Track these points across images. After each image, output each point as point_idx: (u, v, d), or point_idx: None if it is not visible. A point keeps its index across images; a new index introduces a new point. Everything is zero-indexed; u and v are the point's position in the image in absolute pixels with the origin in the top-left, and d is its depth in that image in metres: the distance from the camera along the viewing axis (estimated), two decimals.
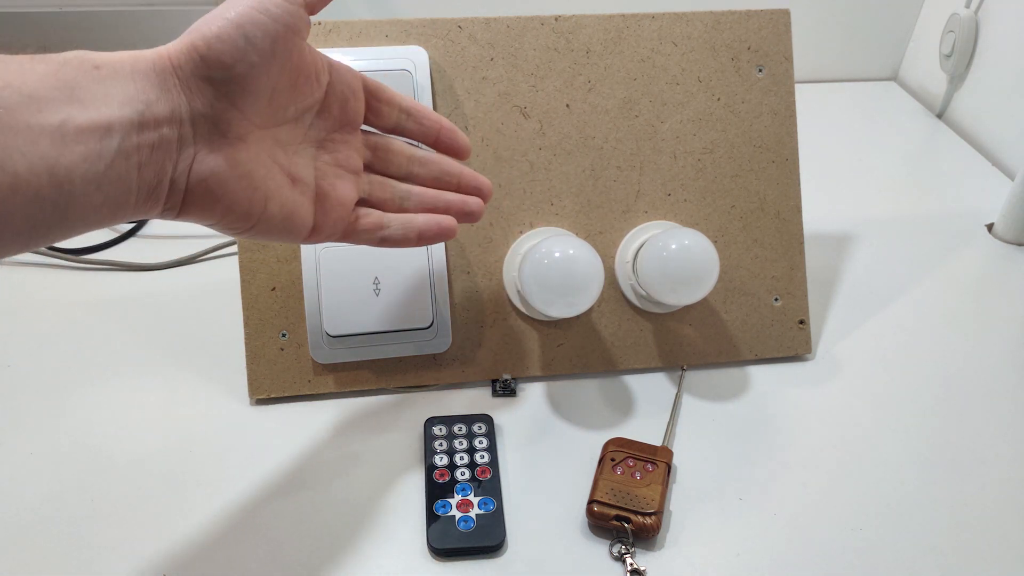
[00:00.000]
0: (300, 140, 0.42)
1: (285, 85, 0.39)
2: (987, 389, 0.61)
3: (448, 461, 0.53)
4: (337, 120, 0.43)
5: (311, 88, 0.41)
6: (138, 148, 0.34)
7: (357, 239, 0.45)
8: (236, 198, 0.38)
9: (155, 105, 0.35)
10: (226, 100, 0.37)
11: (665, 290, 0.57)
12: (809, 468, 0.55)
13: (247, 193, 0.38)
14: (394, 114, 0.46)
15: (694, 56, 0.61)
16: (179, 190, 0.37)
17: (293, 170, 0.41)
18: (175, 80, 0.36)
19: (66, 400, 0.59)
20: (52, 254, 0.71)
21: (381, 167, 0.46)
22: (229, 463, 0.54)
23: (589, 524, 0.50)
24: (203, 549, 0.49)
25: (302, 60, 0.40)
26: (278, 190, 0.40)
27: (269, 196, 0.39)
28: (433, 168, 0.47)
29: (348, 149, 0.44)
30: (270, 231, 0.41)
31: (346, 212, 0.44)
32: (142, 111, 0.34)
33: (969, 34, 0.94)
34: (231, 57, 0.36)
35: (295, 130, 0.42)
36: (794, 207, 0.63)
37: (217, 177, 0.37)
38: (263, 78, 0.37)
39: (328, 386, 0.59)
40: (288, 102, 0.40)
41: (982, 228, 0.80)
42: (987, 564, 0.49)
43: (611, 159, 0.61)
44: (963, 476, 0.54)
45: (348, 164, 0.44)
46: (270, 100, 0.39)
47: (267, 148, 0.40)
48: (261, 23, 0.37)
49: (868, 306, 0.69)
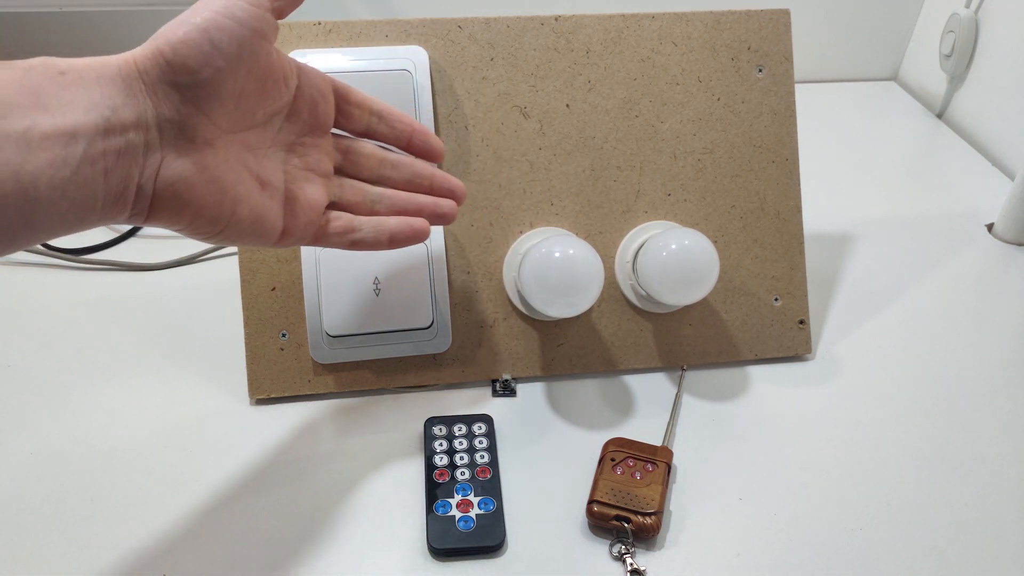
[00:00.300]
0: (269, 144, 0.42)
1: (252, 89, 0.39)
2: (987, 389, 0.61)
3: (448, 461, 0.53)
4: (307, 124, 0.43)
5: (280, 92, 0.41)
6: (104, 154, 0.34)
7: (328, 242, 0.45)
8: (204, 203, 0.38)
9: (121, 110, 0.35)
10: (192, 105, 0.37)
11: (665, 290, 0.57)
12: (809, 468, 0.55)
13: (215, 198, 0.38)
14: (364, 117, 0.46)
15: (694, 56, 0.61)
16: (146, 195, 0.36)
17: (262, 174, 0.41)
18: (141, 85, 0.36)
19: (66, 400, 0.59)
20: (52, 254, 0.71)
21: (352, 170, 0.46)
22: (229, 463, 0.54)
23: (589, 524, 0.50)
24: (203, 549, 0.49)
25: (269, 64, 0.40)
26: (247, 194, 0.40)
27: (238, 200, 0.39)
28: (405, 171, 0.47)
29: (318, 152, 0.44)
30: (239, 235, 0.41)
31: (316, 215, 0.44)
32: (108, 116, 0.34)
33: (969, 34, 0.94)
34: (197, 62, 0.36)
35: (264, 134, 0.42)
36: (794, 207, 0.63)
37: (185, 182, 0.37)
38: (229, 82, 0.37)
39: (328, 386, 0.59)
40: (256, 106, 0.40)
41: (982, 228, 0.80)
42: (987, 564, 0.49)
43: (611, 159, 0.61)
44: (963, 476, 0.54)
45: (318, 167, 0.44)
46: (237, 104, 0.39)
47: (236, 152, 0.40)
48: (227, 28, 0.37)
49: (868, 306, 0.69)
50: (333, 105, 0.44)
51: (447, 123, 0.59)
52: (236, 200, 0.39)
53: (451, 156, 0.59)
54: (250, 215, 0.40)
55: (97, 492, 0.52)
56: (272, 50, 0.40)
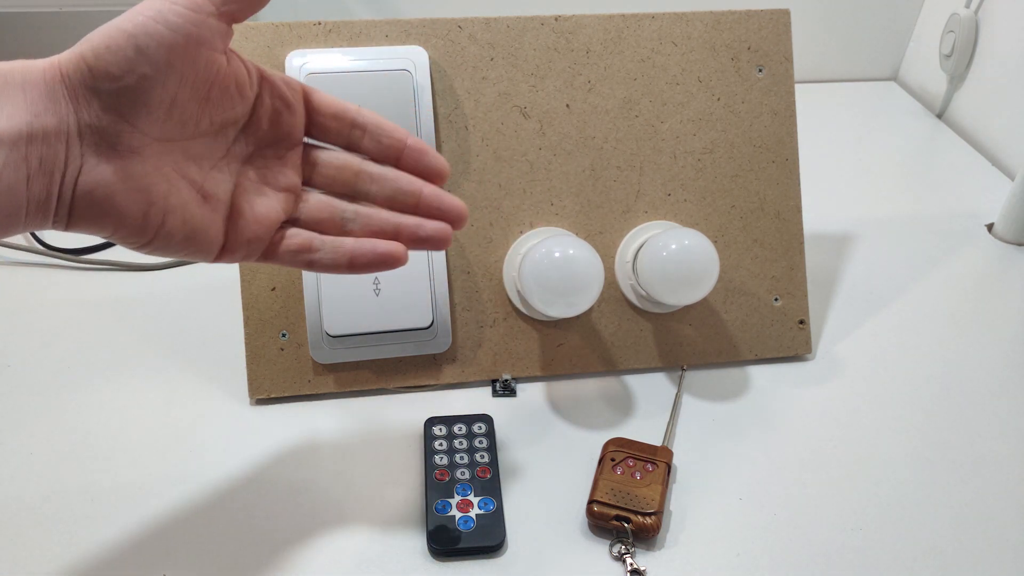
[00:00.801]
0: (221, 155, 0.40)
1: (191, 98, 0.37)
2: (987, 389, 0.61)
3: (448, 461, 0.53)
4: (267, 135, 0.41)
5: (230, 102, 0.39)
6: (26, 160, 0.33)
7: (280, 261, 0.42)
8: (128, 211, 0.36)
9: (43, 116, 0.34)
10: (114, 112, 0.35)
11: (665, 290, 0.57)
12: (809, 468, 0.55)
13: (140, 207, 0.37)
14: (344, 130, 0.42)
15: (694, 56, 0.61)
16: (65, 202, 0.35)
17: (207, 186, 0.39)
18: (64, 90, 0.34)
19: (66, 400, 0.59)
20: (52, 254, 0.71)
21: (321, 183, 0.43)
22: (229, 463, 0.54)
23: (589, 524, 0.50)
24: (203, 549, 0.49)
25: (214, 72, 0.37)
26: (180, 206, 0.38)
27: (168, 211, 0.38)
28: (387, 186, 0.42)
29: (281, 165, 0.41)
30: (171, 248, 0.39)
31: (264, 232, 0.41)
32: (30, 122, 0.33)
33: (969, 34, 0.94)
34: (119, 68, 0.34)
35: (214, 144, 0.39)
36: (794, 207, 0.63)
37: (104, 189, 0.36)
38: (158, 90, 0.35)
39: (328, 386, 0.59)
40: (199, 115, 0.38)
41: (982, 228, 0.80)
42: (987, 564, 0.49)
43: (611, 159, 0.61)
44: (963, 476, 0.54)
45: (277, 182, 0.41)
46: (170, 113, 0.37)
47: (172, 161, 0.38)
48: (156, 33, 0.35)
49: (868, 306, 0.69)
50: (302, 116, 0.41)
51: (447, 123, 0.59)
52: (166, 211, 0.37)
53: (451, 156, 0.59)
54: (183, 228, 0.38)
55: (97, 492, 0.52)
56: (219, 57, 0.37)
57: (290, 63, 0.56)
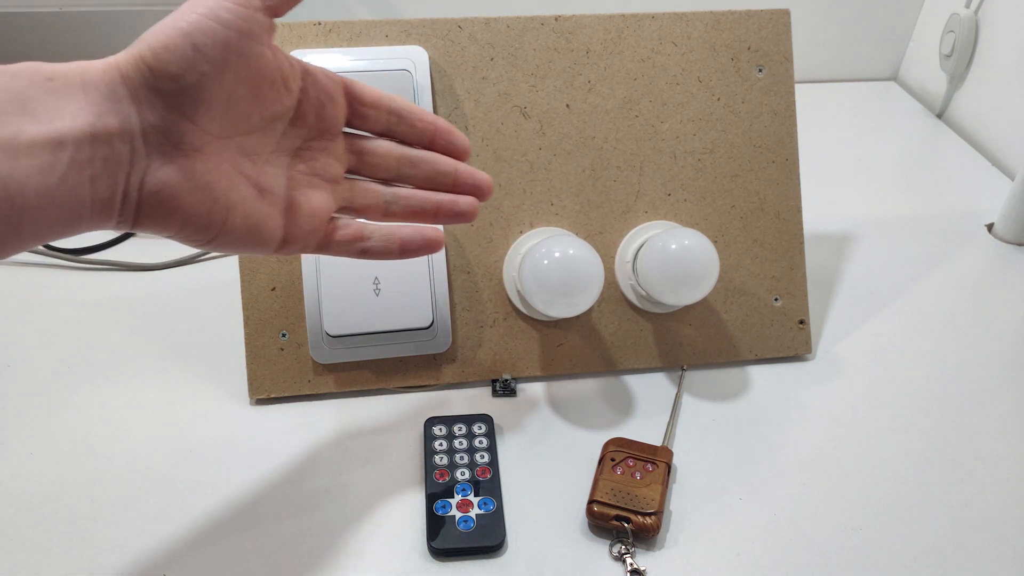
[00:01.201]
0: (272, 149, 0.41)
1: (245, 94, 0.38)
2: (987, 389, 0.61)
3: (448, 461, 0.53)
4: (313, 127, 0.42)
5: (278, 96, 0.40)
6: (90, 161, 0.34)
7: (335, 251, 0.44)
8: (193, 210, 0.37)
9: (105, 117, 0.34)
10: (177, 111, 0.36)
11: (665, 290, 0.57)
12: (809, 468, 0.55)
13: (205, 205, 0.37)
14: (382, 117, 0.43)
15: (694, 56, 0.61)
16: (132, 202, 0.36)
17: (261, 180, 0.40)
18: (124, 91, 0.35)
19: (66, 400, 0.59)
20: (52, 254, 0.71)
21: (368, 172, 0.44)
22: (229, 463, 0.54)
23: (589, 524, 0.50)
24: (203, 549, 0.49)
25: (264, 67, 0.38)
26: (241, 201, 0.39)
27: (231, 208, 0.38)
28: (425, 168, 0.45)
29: (327, 156, 0.43)
30: (234, 243, 0.39)
31: (320, 223, 0.42)
32: (93, 123, 0.34)
33: (969, 34, 0.94)
34: (179, 67, 0.35)
35: (265, 139, 0.40)
36: (794, 207, 0.63)
37: (171, 189, 0.36)
38: (216, 87, 0.36)
39: (328, 386, 0.59)
40: (251, 111, 0.39)
41: (982, 228, 0.80)
42: (987, 564, 0.49)
43: (611, 159, 0.61)
44: (963, 476, 0.54)
45: (326, 172, 0.43)
46: (227, 109, 0.37)
47: (230, 158, 0.38)
48: (211, 31, 0.35)
49: (868, 306, 0.69)
50: (344, 107, 0.42)
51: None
52: (229, 207, 0.38)
53: None
54: (245, 223, 0.39)
55: (97, 492, 0.52)
56: (267, 52, 0.38)
57: None
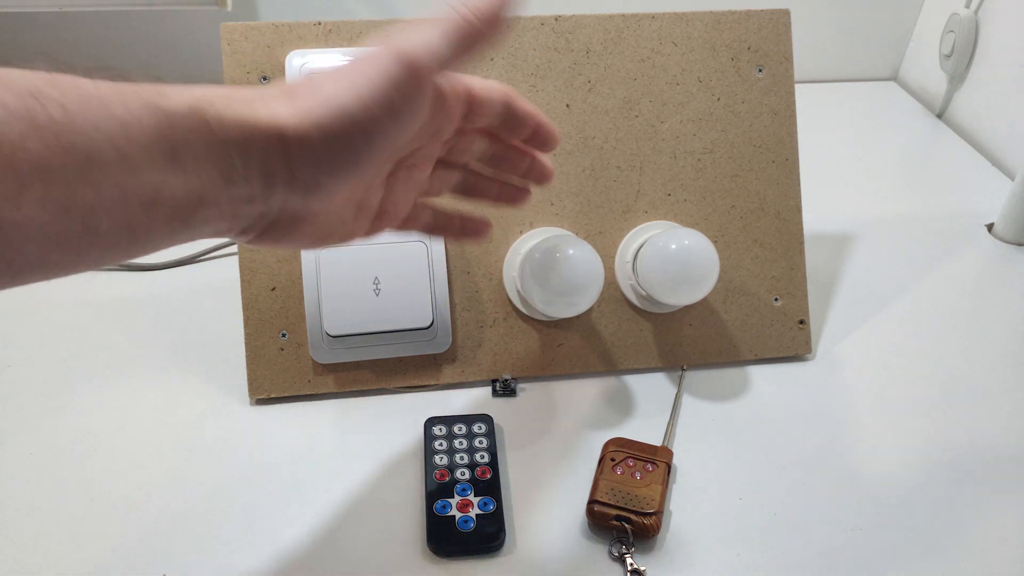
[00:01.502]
0: (388, 172, 0.39)
1: (404, 144, 0.36)
2: (987, 389, 0.61)
3: (448, 461, 0.53)
4: (426, 139, 0.39)
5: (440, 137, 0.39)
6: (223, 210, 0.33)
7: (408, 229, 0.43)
8: (304, 238, 0.36)
9: (255, 180, 0.33)
10: (330, 174, 0.34)
11: (665, 290, 0.57)
12: (809, 468, 0.55)
13: (317, 235, 0.37)
14: (489, 117, 0.40)
15: (694, 56, 0.61)
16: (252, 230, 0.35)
17: (364, 201, 0.39)
18: (285, 160, 0.33)
19: (66, 400, 0.59)
20: None
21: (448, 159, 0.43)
22: (229, 463, 0.54)
23: (589, 524, 0.50)
24: (203, 549, 0.49)
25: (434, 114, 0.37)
26: (342, 224, 0.38)
27: (332, 233, 0.38)
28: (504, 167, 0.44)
29: (426, 162, 0.41)
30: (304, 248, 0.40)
31: (401, 216, 0.42)
32: (239, 183, 0.32)
33: (969, 34, 0.94)
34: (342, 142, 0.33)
35: (385, 166, 0.38)
36: (794, 207, 0.63)
37: (290, 221, 0.35)
38: (379, 152, 0.35)
39: (328, 386, 0.59)
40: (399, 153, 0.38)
41: (982, 228, 0.80)
42: (987, 564, 0.49)
43: (611, 159, 0.61)
44: (963, 476, 0.54)
45: (420, 177, 0.41)
46: (385, 159, 0.36)
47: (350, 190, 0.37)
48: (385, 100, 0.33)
49: (868, 306, 0.69)
50: (461, 115, 0.39)
51: None
52: (330, 233, 0.38)
53: None
54: (336, 240, 0.39)
55: (97, 492, 0.52)
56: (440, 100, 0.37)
57: (290, 63, 0.56)
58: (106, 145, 0.29)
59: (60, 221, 0.29)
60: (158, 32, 0.92)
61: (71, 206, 0.29)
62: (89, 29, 0.93)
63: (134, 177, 0.30)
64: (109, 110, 0.29)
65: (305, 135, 0.33)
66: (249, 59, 0.57)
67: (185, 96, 0.31)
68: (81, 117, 0.28)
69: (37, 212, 0.28)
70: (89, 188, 0.29)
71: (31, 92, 0.28)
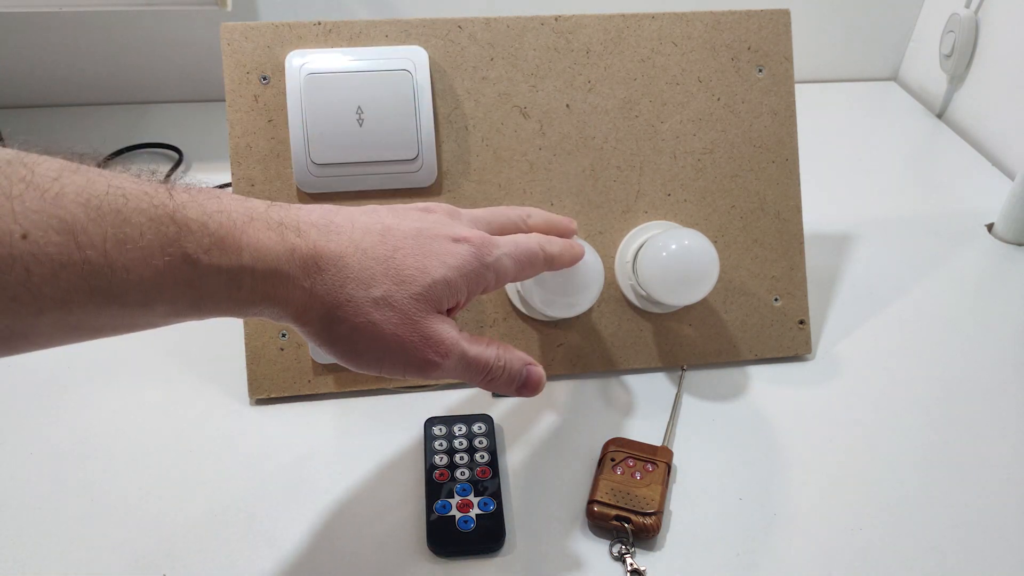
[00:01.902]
0: None
1: None
2: (987, 389, 0.61)
3: (448, 461, 0.53)
4: None
5: None
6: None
7: None
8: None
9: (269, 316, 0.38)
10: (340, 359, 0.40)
11: (665, 290, 0.57)
12: (809, 468, 0.55)
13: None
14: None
15: (694, 56, 0.61)
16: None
17: None
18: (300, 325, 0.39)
19: (66, 400, 0.59)
20: None
21: None
22: (229, 463, 0.54)
23: (589, 524, 0.50)
24: (203, 549, 0.49)
25: None
26: None
27: None
28: None
29: None
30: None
31: None
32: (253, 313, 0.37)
33: (969, 34, 0.94)
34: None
35: None
36: (794, 207, 0.63)
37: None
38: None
39: (328, 386, 0.59)
40: None
41: (982, 228, 0.80)
42: (987, 564, 0.49)
43: (611, 159, 0.61)
44: (963, 476, 0.54)
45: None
46: None
47: None
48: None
49: (868, 306, 0.69)
50: None
51: (447, 123, 0.59)
52: None
53: (451, 156, 0.59)
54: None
55: (97, 492, 0.52)
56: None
57: (290, 63, 0.56)
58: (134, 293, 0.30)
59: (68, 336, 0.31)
60: (158, 32, 0.92)
61: (81, 327, 0.30)
62: (89, 29, 0.93)
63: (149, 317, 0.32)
64: (147, 261, 0.30)
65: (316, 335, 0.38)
66: (249, 59, 0.57)
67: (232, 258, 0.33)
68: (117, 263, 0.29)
69: (48, 329, 0.30)
70: (104, 319, 0.30)
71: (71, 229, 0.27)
